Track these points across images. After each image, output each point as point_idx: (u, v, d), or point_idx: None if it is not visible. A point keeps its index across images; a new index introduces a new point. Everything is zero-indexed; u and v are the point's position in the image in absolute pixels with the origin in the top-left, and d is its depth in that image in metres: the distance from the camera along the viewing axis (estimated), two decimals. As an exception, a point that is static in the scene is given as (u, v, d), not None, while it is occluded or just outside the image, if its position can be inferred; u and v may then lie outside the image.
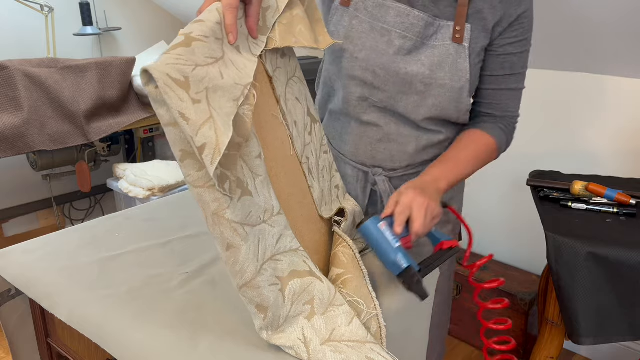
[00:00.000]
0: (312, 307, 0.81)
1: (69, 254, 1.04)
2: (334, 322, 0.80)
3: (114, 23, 2.84)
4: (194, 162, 0.70)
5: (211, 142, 0.67)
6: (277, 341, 0.77)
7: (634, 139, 1.88)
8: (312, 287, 0.82)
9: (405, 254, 0.85)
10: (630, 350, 2.02)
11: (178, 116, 0.66)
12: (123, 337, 0.81)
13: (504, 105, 1.10)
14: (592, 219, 1.40)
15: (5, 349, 2.15)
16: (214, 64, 0.72)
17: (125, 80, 2.37)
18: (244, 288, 0.75)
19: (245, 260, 0.74)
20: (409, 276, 0.82)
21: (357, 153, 1.15)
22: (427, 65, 1.02)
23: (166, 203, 1.31)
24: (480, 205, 2.36)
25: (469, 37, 1.01)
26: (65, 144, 2.17)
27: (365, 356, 0.76)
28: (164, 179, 2.30)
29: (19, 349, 1.11)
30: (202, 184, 0.71)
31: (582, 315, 1.29)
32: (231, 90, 0.73)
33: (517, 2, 1.00)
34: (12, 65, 2.07)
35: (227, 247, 0.73)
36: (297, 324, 0.79)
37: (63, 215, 2.83)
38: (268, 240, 0.78)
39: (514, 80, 1.08)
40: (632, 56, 1.75)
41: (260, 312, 0.76)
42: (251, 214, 0.76)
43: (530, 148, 2.13)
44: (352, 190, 1.19)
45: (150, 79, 0.67)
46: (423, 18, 1.01)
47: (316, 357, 0.76)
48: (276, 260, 0.79)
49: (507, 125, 1.11)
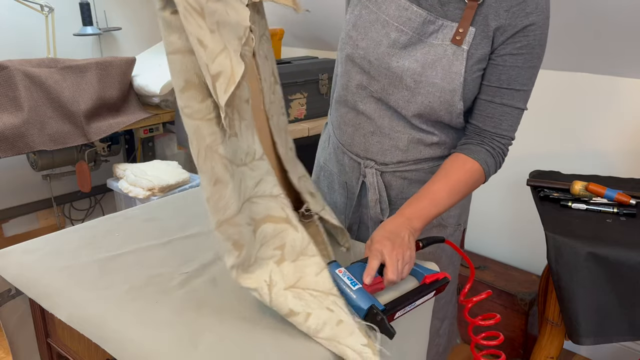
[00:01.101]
0: (283, 252, 0.82)
1: (69, 254, 1.04)
2: (302, 270, 0.81)
3: (114, 23, 2.84)
4: (197, 92, 0.70)
5: (226, 71, 0.69)
6: (244, 282, 0.78)
7: (634, 139, 1.88)
8: (285, 233, 0.83)
9: (367, 296, 0.83)
10: (630, 350, 2.02)
11: (196, 42, 0.67)
12: (123, 337, 0.81)
13: (497, 121, 1.05)
14: (592, 219, 1.40)
15: (5, 349, 2.15)
16: (220, 1, 0.73)
17: (125, 80, 2.37)
18: (225, 225, 0.76)
19: (231, 197, 0.75)
20: (372, 316, 0.81)
21: (353, 144, 1.17)
22: (420, 62, 1.02)
23: (166, 203, 1.31)
24: (480, 205, 2.37)
25: (470, 41, 0.99)
26: (65, 144, 2.18)
27: (326, 307, 0.77)
28: (164, 179, 2.30)
29: (19, 349, 1.11)
30: (201, 117, 0.71)
31: (582, 315, 1.29)
32: (236, 28, 0.74)
33: (524, 13, 0.97)
34: (12, 65, 2.07)
35: (214, 182, 0.74)
36: (267, 268, 0.80)
37: (63, 215, 2.83)
38: (247, 182, 0.80)
39: (510, 95, 1.03)
40: (632, 56, 1.75)
41: (236, 249, 0.77)
42: (236, 154, 0.77)
43: (530, 148, 2.14)
44: (348, 180, 1.22)
45: (167, 3, 0.67)
46: (421, 14, 1.01)
47: (277, 300, 0.77)
48: (252, 202, 0.80)
49: (495, 147, 1.06)
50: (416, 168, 1.14)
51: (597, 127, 1.95)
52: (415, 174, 1.15)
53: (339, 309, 0.79)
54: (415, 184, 1.15)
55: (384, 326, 0.80)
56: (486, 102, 1.05)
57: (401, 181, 1.16)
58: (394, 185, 1.16)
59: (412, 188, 1.15)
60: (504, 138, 1.07)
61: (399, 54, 1.03)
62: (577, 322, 1.29)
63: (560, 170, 2.01)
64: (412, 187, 1.16)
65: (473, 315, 1.08)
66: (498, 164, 1.08)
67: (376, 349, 0.76)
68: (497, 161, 1.08)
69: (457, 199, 1.03)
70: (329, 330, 0.77)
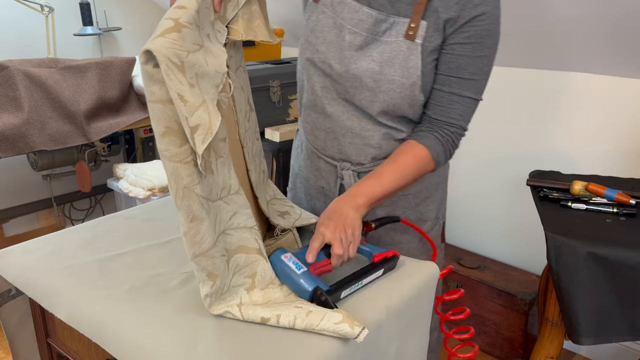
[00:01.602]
0: (253, 281, 0.87)
1: (69, 254, 1.04)
2: (270, 297, 0.86)
3: (114, 23, 2.85)
4: (176, 138, 0.75)
5: (204, 124, 0.74)
6: (216, 310, 0.83)
7: (634, 139, 1.88)
8: (256, 264, 0.88)
9: (312, 278, 0.86)
10: (630, 350, 2.02)
11: (176, 97, 0.72)
12: (123, 337, 0.81)
13: (445, 110, 1.06)
14: (592, 219, 1.40)
15: (5, 349, 2.15)
16: (199, 51, 0.78)
17: (125, 80, 2.37)
18: (200, 257, 0.81)
19: (206, 232, 0.80)
20: (317, 297, 0.84)
21: (326, 147, 1.18)
22: (377, 61, 1.04)
23: (166, 203, 1.31)
24: (480, 205, 2.37)
25: (423, 34, 1.02)
26: (65, 144, 2.18)
27: (294, 306, 0.82)
28: (164, 179, 2.30)
29: (19, 349, 1.11)
30: (179, 160, 0.76)
31: (582, 315, 1.29)
32: (214, 77, 0.80)
33: (472, 5, 0.99)
34: (12, 65, 2.07)
35: (191, 219, 0.79)
36: (237, 294, 0.85)
37: (63, 215, 2.84)
38: (222, 216, 0.85)
39: (458, 84, 1.04)
40: (633, 56, 1.75)
41: (210, 279, 0.82)
42: (212, 190, 0.82)
43: (530, 148, 2.14)
44: (325, 184, 1.22)
45: (150, 59, 0.72)
46: (372, 15, 1.03)
47: (247, 313, 0.82)
48: (227, 234, 0.86)
49: (445, 135, 1.06)
50: None
51: (597, 127, 1.95)
52: None
53: (306, 304, 0.83)
54: None
55: (329, 306, 0.82)
56: (436, 91, 1.06)
57: None
58: None
59: None
60: (452, 126, 1.07)
61: (356, 56, 1.05)
62: (577, 322, 1.29)
63: (560, 170, 2.01)
64: None
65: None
66: (447, 152, 1.08)
67: (353, 321, 0.78)
68: (447, 149, 1.07)
69: (404, 183, 1.04)
70: (300, 322, 0.80)
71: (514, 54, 2.03)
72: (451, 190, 2.49)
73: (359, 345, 0.81)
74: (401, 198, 1.18)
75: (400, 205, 1.18)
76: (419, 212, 1.20)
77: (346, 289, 0.88)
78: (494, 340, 2.14)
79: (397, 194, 1.15)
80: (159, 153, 0.76)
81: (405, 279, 0.96)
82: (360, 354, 0.83)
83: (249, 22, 0.95)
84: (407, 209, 1.19)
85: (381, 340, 0.88)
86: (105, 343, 0.83)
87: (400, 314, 0.91)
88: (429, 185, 1.20)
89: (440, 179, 1.23)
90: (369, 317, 0.85)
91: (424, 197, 1.20)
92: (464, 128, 1.08)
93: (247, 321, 0.83)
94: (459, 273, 2.18)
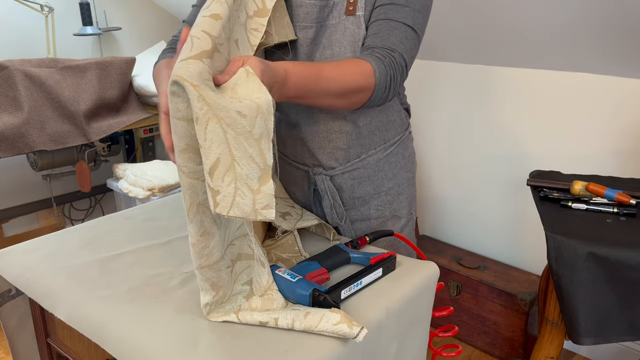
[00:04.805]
0: (251, 287, 0.87)
1: (69, 254, 1.04)
2: (270, 304, 0.85)
3: (114, 23, 2.85)
4: (195, 156, 0.73)
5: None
6: (215, 317, 0.83)
7: (634, 139, 1.88)
8: (251, 269, 0.87)
9: (308, 283, 0.86)
10: (630, 350, 2.02)
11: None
12: (123, 337, 0.81)
13: (384, 36, 1.00)
14: (592, 219, 1.40)
15: (5, 349, 2.15)
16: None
17: (125, 80, 2.37)
18: (206, 268, 0.80)
19: (215, 246, 0.80)
20: (316, 299, 0.84)
21: (296, 154, 1.18)
22: (327, 45, 1.04)
23: (166, 203, 1.31)
24: (480, 205, 2.37)
25: (362, 6, 1.02)
26: (65, 144, 2.18)
27: (292, 309, 0.82)
28: (164, 179, 2.30)
29: (19, 349, 1.11)
30: (197, 177, 0.75)
31: (582, 315, 1.29)
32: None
33: None
34: (12, 65, 2.07)
35: (202, 234, 0.78)
36: (236, 302, 0.85)
37: (63, 215, 2.84)
38: (231, 227, 0.84)
39: (394, 10, 1.00)
40: (633, 56, 1.75)
41: (213, 290, 0.82)
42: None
43: (530, 148, 2.14)
44: (299, 190, 1.22)
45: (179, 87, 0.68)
46: (315, 4, 1.03)
47: (245, 318, 0.82)
48: (232, 244, 0.86)
49: (385, 56, 0.98)
50: (362, 165, 1.15)
51: (597, 127, 1.95)
52: (363, 172, 1.16)
53: (304, 307, 0.83)
54: (365, 181, 1.17)
55: (328, 304, 0.82)
56: (373, 23, 1.03)
57: (351, 182, 1.17)
58: (345, 187, 1.17)
59: (362, 186, 1.17)
60: (394, 52, 1.00)
61: (311, 49, 1.05)
62: (577, 322, 1.29)
63: (560, 170, 2.01)
64: (362, 185, 1.17)
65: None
66: (389, 76, 0.99)
67: (352, 321, 0.77)
68: (388, 71, 0.98)
69: (338, 87, 0.94)
70: (299, 325, 0.79)
71: (514, 54, 2.03)
72: (451, 190, 2.49)
73: (359, 345, 0.81)
74: (374, 197, 1.18)
75: (374, 204, 1.19)
76: (393, 209, 1.21)
77: (345, 289, 0.88)
78: (494, 340, 2.14)
79: (369, 193, 1.17)
80: (177, 167, 0.74)
81: (405, 279, 0.96)
82: (361, 354, 0.83)
83: (280, 20, 0.91)
84: (381, 207, 1.20)
85: (381, 340, 0.88)
86: (105, 343, 0.83)
87: (400, 314, 0.91)
88: (401, 182, 1.21)
89: (410, 174, 1.24)
90: (369, 317, 0.85)
91: (396, 194, 1.21)
92: (404, 58, 1.00)
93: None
94: (459, 273, 2.18)
